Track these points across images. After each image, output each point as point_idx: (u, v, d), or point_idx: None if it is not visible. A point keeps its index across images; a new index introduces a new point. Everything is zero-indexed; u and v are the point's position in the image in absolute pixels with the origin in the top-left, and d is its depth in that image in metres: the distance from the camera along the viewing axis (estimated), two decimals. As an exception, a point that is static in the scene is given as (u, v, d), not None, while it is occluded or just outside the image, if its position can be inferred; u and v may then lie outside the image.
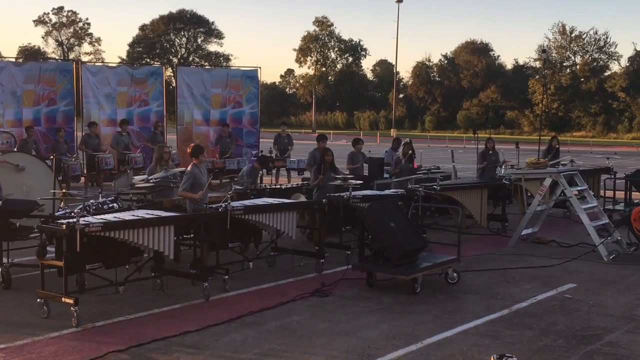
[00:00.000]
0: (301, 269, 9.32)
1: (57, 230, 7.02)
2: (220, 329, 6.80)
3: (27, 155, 10.67)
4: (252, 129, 20.73)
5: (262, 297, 7.98)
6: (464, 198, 11.94)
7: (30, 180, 8.91)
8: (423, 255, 8.73)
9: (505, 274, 9.32)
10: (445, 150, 33.76)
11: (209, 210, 8.46)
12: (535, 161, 12.08)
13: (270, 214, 8.89)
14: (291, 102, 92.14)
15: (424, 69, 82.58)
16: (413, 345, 6.39)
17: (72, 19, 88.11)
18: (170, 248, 7.71)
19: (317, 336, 6.64)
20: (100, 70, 19.88)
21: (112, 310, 7.29)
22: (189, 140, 19.97)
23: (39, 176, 9.18)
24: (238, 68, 22.49)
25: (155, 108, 19.91)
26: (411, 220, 9.34)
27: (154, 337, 6.47)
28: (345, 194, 10.01)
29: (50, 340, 6.42)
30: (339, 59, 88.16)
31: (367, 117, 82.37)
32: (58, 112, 18.68)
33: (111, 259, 7.56)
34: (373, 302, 7.85)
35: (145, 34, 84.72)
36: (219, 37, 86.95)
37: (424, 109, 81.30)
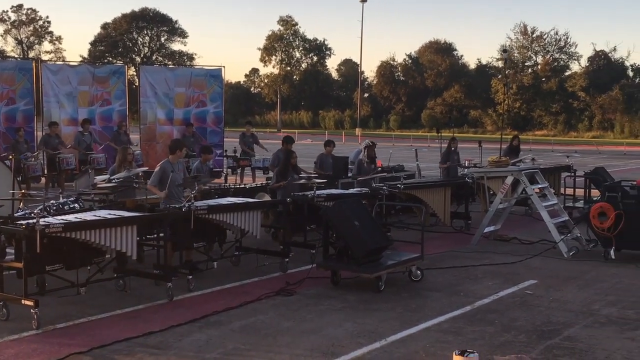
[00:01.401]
0: (266, 269, 9.31)
1: (17, 231, 6.90)
2: (184, 329, 6.76)
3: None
4: (217, 129, 20.64)
5: (227, 297, 7.96)
6: (427, 196, 12.04)
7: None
8: (387, 253, 8.78)
9: (467, 271, 9.43)
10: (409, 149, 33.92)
11: (171, 210, 8.39)
12: (497, 160, 12.24)
13: (235, 213, 8.85)
14: (256, 102, 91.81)
15: (389, 68, 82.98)
16: (377, 342, 6.43)
17: (31, 17, 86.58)
18: (133, 248, 7.63)
19: (281, 335, 6.65)
20: (61, 69, 19.63)
21: (74, 312, 7.20)
22: (152, 140, 19.88)
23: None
24: (202, 67, 22.38)
25: (117, 107, 19.70)
26: (375, 218, 9.40)
27: (117, 338, 6.42)
28: (310, 193, 10.02)
29: (10, 343, 6.32)
30: (303, 58, 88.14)
31: (332, 117, 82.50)
32: (17, 111, 18.35)
33: (72, 260, 7.46)
34: (337, 300, 7.87)
35: (108, 32, 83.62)
36: (182, 36, 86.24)
37: (389, 108, 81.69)
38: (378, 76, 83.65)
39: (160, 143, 19.70)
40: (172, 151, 9.31)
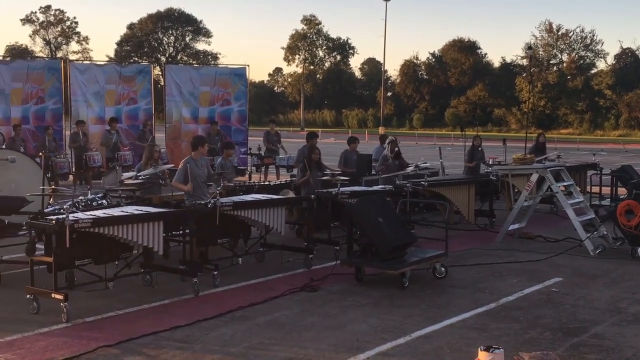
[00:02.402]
0: (290, 265, 9.37)
1: (47, 226, 7.04)
2: (209, 324, 6.84)
3: (15, 152, 10.65)
4: (241, 127, 20.76)
5: (251, 293, 8.02)
6: (451, 194, 12.02)
7: (19, 177, 8.90)
8: (411, 250, 8.80)
9: (492, 269, 9.40)
10: (433, 147, 33.87)
11: (197, 206, 8.48)
12: (522, 157, 12.17)
13: (259, 209, 8.92)
14: (279, 101, 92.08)
15: (412, 67, 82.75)
16: (401, 338, 6.45)
17: (59, 17, 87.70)
18: (160, 244, 7.74)
19: (306, 330, 6.69)
20: (89, 68, 19.87)
21: (102, 306, 7.31)
22: (178, 138, 20.05)
23: (27, 173, 9.16)
24: (226, 66, 22.50)
25: (143, 106, 19.91)
26: (399, 215, 9.41)
27: (144, 332, 6.50)
28: (334, 190, 10.06)
29: (40, 336, 6.43)
30: (327, 57, 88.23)
31: (356, 115, 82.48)
32: (47, 110, 18.65)
33: (101, 255, 7.58)
34: (362, 296, 7.90)
35: (134, 32, 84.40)
36: (207, 35, 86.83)
37: (412, 106, 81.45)
38: (401, 75, 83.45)
39: (185, 141, 19.83)
40: (194, 147, 9.44)
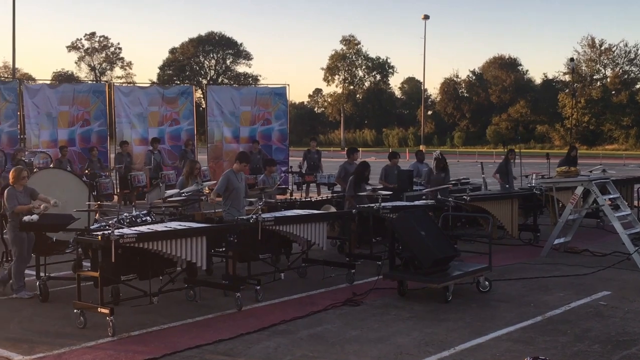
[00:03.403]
0: (332, 280, 9.36)
1: (93, 241, 7.17)
2: (252, 337, 6.86)
3: (62, 170, 10.91)
4: (282, 146, 20.89)
5: (294, 307, 8.03)
6: (494, 208, 11.88)
7: (66, 195, 9.09)
8: (454, 264, 8.72)
9: (538, 283, 9.25)
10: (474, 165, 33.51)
11: (240, 221, 8.55)
12: (567, 170, 11.99)
13: (301, 224, 8.95)
14: (320, 121, 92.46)
15: (452, 85, 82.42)
16: (446, 351, 6.38)
17: (104, 44, 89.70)
18: (203, 259, 7.80)
19: (349, 343, 6.67)
20: (132, 90, 20.30)
21: (147, 320, 7.40)
22: (219, 158, 20.26)
23: (74, 191, 9.38)
24: (266, 86, 22.74)
25: (185, 127, 20.20)
26: (441, 229, 9.34)
27: (188, 346, 6.56)
28: (375, 205, 10.05)
29: (87, 350, 6.53)
30: (366, 77, 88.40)
31: (396, 134, 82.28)
32: (92, 132, 19.05)
33: (145, 270, 7.69)
34: (404, 310, 7.85)
35: (175, 56, 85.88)
36: (247, 58, 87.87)
37: (453, 125, 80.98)
38: (441, 93, 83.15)
39: (227, 161, 20.04)
40: (240, 161, 9.55)
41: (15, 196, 8.36)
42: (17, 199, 8.37)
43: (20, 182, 8.52)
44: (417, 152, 15.69)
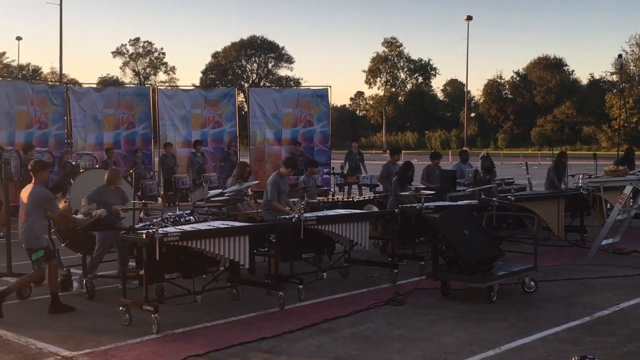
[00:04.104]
0: (375, 280, 9.32)
1: (138, 239, 7.26)
2: (295, 335, 6.86)
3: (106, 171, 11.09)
4: (323, 148, 20.90)
5: (337, 306, 8.01)
6: (539, 209, 11.69)
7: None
8: (498, 264, 8.59)
9: (585, 284, 9.06)
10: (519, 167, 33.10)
11: (282, 220, 8.58)
12: (614, 169, 11.73)
13: (343, 224, 8.93)
14: (362, 124, 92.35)
15: (496, 86, 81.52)
16: (490, 350, 6.29)
17: (148, 49, 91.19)
18: (246, 258, 7.83)
19: (392, 342, 6.62)
20: (176, 93, 20.52)
21: (190, 318, 7.45)
22: (262, 160, 20.37)
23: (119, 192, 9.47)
24: (308, 87, 22.77)
25: (228, 129, 20.37)
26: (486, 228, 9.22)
27: (231, 343, 6.58)
28: (418, 205, 9.97)
29: (132, 346, 6.61)
30: (408, 79, 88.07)
31: (439, 137, 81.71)
32: (137, 135, 19.37)
33: (189, 269, 7.75)
34: (448, 310, 7.76)
35: (218, 61, 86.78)
36: (289, 61, 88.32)
37: (496, 126, 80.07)
38: (485, 94, 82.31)
39: (269, 163, 20.17)
40: (288, 165, 9.68)
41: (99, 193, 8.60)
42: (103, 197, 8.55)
43: (114, 183, 8.85)
44: (461, 152, 15.54)
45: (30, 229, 7.76)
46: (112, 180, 8.88)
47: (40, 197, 7.83)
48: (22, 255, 10.32)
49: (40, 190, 7.88)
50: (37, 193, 7.82)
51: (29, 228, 7.76)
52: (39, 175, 7.98)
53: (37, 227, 7.77)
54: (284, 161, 10.12)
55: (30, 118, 17.67)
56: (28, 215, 7.77)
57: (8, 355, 6.29)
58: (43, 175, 8.06)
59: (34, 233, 7.76)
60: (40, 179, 8.00)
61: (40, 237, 7.81)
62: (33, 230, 7.76)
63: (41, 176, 8.01)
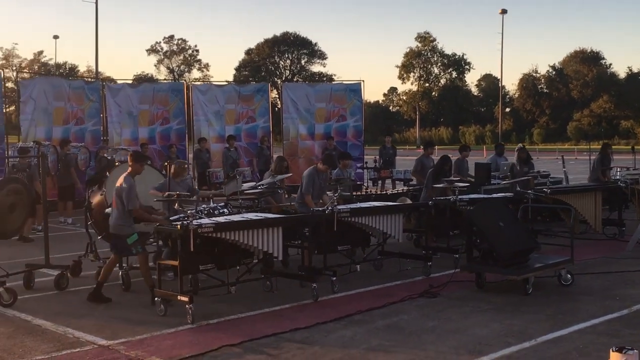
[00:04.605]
0: (408, 272, 9.28)
1: (172, 231, 7.32)
2: (329, 327, 6.86)
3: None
4: (357, 142, 20.85)
5: (370, 298, 7.99)
6: (576, 202, 11.51)
7: (146, 188, 9.31)
8: (534, 256, 8.49)
9: (623, 277, 8.91)
10: (555, 162, 32.65)
11: (315, 212, 8.58)
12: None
13: (377, 216, 8.91)
14: (395, 120, 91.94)
15: (531, 80, 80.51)
16: (526, 342, 6.22)
17: (182, 46, 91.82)
18: (279, 249, 7.85)
19: (426, 334, 6.59)
20: (209, 89, 20.67)
21: (225, 309, 7.51)
22: (295, 155, 20.40)
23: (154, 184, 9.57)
24: (341, 82, 22.76)
25: (261, 124, 20.44)
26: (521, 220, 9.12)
27: (265, 333, 6.61)
28: (452, 197, 9.90)
29: (167, 335, 6.68)
30: (442, 74, 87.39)
31: (473, 132, 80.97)
32: (171, 130, 19.55)
33: (223, 260, 7.80)
34: (483, 302, 7.70)
35: (251, 57, 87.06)
36: (322, 57, 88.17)
37: (532, 121, 79.09)
38: (520, 89, 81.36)
39: (302, 158, 20.20)
40: (325, 163, 9.70)
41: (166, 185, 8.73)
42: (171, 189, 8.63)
43: (180, 175, 9.08)
44: (497, 146, 15.38)
45: (117, 217, 8.01)
46: (178, 173, 9.07)
47: (120, 187, 8.03)
48: (59, 248, 10.59)
49: (125, 180, 8.06)
50: (122, 183, 8.03)
51: (115, 216, 8.03)
52: (133, 167, 8.17)
53: (122, 215, 7.95)
54: (322, 158, 10.09)
55: (67, 114, 17.95)
56: (116, 203, 8.01)
57: (47, 344, 6.41)
58: (136, 167, 8.20)
59: (120, 221, 8.00)
60: (134, 171, 8.17)
61: (125, 225, 7.98)
62: (119, 218, 7.98)
63: (135, 168, 8.18)
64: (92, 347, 6.31)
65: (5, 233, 8.93)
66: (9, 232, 8.96)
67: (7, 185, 8.83)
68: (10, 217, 8.75)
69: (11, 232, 9.07)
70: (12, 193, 8.74)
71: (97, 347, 6.33)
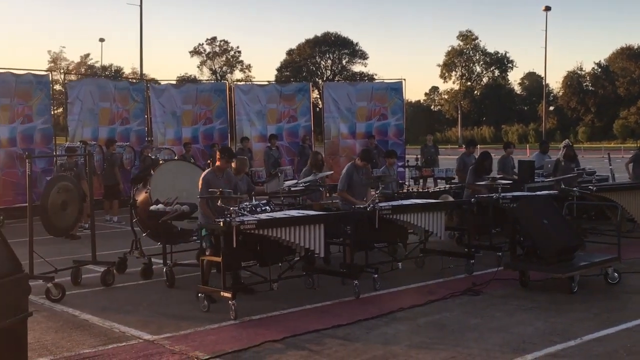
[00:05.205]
0: (450, 270, 9.22)
1: (215, 227, 7.40)
2: (370, 323, 6.86)
3: (185, 162, 11.37)
4: (398, 141, 20.76)
5: (412, 296, 7.97)
6: (623, 199, 11.25)
7: (190, 186, 9.44)
8: (579, 254, 8.36)
9: (673, 276, 8.71)
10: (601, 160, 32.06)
11: (357, 209, 8.58)
12: None
13: (418, 214, 8.86)
14: (436, 119, 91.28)
15: (576, 78, 79.10)
16: (572, 340, 6.14)
17: (224, 48, 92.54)
18: (321, 246, 7.86)
19: (469, 331, 6.54)
20: (251, 88, 20.82)
21: (267, 306, 7.56)
22: (336, 154, 20.42)
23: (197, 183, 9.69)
24: (382, 81, 22.69)
25: (303, 123, 20.50)
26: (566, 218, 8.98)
27: (307, 329, 6.64)
28: (495, 195, 9.80)
29: (210, 331, 6.76)
30: (484, 73, 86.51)
31: (516, 131, 79.86)
32: (214, 130, 19.74)
33: (265, 257, 7.85)
34: (527, 300, 7.61)
35: (292, 58, 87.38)
36: (363, 57, 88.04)
37: (577, 119, 77.73)
38: (564, 87, 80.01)
39: (344, 157, 20.19)
40: (362, 159, 9.70)
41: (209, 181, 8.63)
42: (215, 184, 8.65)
43: (242, 171, 9.24)
44: (541, 143, 15.18)
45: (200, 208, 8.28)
46: (240, 169, 9.18)
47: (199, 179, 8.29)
48: (105, 246, 10.80)
49: (204, 174, 8.36)
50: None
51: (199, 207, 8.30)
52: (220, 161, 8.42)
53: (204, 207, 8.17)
54: (359, 153, 10.11)
55: (112, 114, 18.27)
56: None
57: (94, 338, 6.54)
58: (220, 163, 8.43)
59: (200, 212, 8.26)
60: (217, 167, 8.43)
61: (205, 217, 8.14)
62: (200, 210, 8.25)
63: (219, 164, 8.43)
64: (137, 342, 6.42)
65: (59, 230, 9.13)
66: (62, 229, 9.16)
67: (58, 183, 9.04)
68: (63, 215, 8.96)
69: (64, 229, 9.25)
70: (63, 191, 8.95)
71: (142, 341, 6.44)
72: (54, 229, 8.96)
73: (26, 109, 16.21)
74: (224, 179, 8.50)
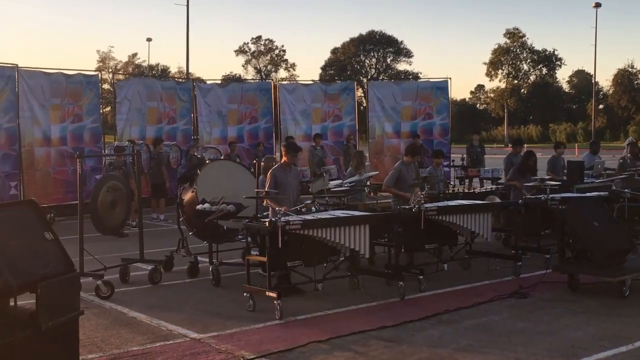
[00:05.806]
0: (497, 272, 9.10)
1: (261, 227, 7.44)
2: (416, 325, 6.82)
3: (231, 161, 11.46)
4: (443, 140, 20.58)
5: (458, 297, 7.89)
6: (677, 201, 10.95)
7: (235, 185, 9.51)
8: (631, 257, 8.17)
9: None
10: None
11: (402, 210, 8.53)
12: None
13: (464, 215, 8.77)
14: (482, 118, 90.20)
15: (627, 76, 77.26)
16: (623, 346, 6.01)
17: (269, 47, 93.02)
18: (366, 247, 7.85)
19: (516, 335, 6.45)
20: (296, 88, 20.86)
21: (312, 306, 7.57)
22: (381, 153, 20.36)
23: (243, 182, 9.75)
24: (428, 80, 22.53)
25: (347, 122, 20.47)
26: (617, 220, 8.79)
27: (352, 330, 6.63)
28: (543, 196, 9.64)
29: (256, 330, 6.80)
30: (532, 71, 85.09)
31: (564, 130, 78.42)
32: (259, 129, 19.85)
33: (310, 257, 7.85)
34: (576, 304, 7.47)
35: (337, 56, 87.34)
36: (407, 55, 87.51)
37: (627, 118, 75.95)
38: (614, 85, 78.25)
39: (388, 156, 20.13)
40: (408, 153, 9.73)
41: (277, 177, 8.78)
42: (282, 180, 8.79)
43: None
44: (591, 143, 14.87)
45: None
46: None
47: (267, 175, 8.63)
48: (152, 244, 10.95)
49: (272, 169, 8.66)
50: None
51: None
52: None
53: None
54: (406, 149, 10.20)
55: (159, 114, 18.52)
56: None
57: (141, 336, 6.64)
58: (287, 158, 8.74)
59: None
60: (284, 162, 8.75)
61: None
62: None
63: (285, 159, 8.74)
64: (184, 340, 6.49)
65: (109, 229, 9.27)
66: (112, 227, 9.30)
67: (107, 182, 9.19)
68: (112, 213, 9.10)
69: (114, 228, 9.38)
70: (112, 190, 9.09)
71: (188, 340, 6.51)
72: (103, 228, 9.11)
73: (76, 109, 16.53)
74: (292, 175, 8.58)
